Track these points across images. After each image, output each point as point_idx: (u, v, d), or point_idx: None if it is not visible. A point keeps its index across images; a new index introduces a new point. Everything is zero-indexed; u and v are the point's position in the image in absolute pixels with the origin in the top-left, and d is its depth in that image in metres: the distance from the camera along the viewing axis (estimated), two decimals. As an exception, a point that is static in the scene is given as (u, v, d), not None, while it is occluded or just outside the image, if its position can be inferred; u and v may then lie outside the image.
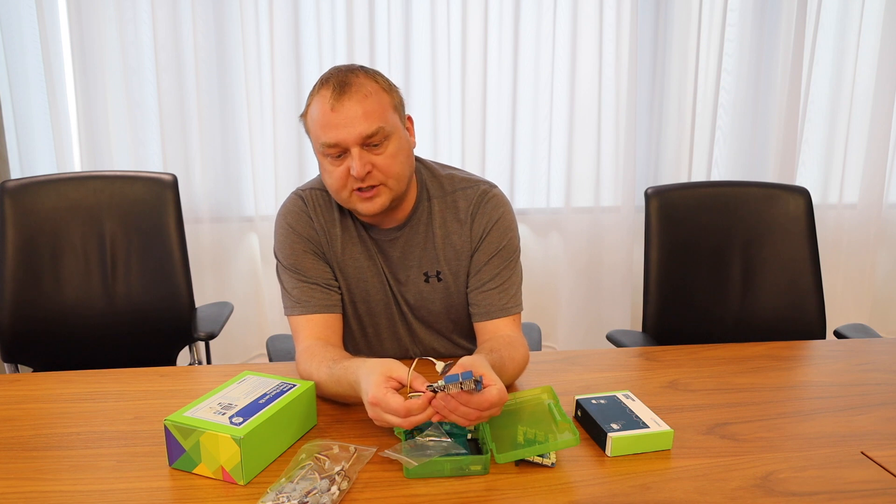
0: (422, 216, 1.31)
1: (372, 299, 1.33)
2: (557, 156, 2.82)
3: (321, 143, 1.18)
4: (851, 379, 1.33)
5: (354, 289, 1.32)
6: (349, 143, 1.16)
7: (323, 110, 1.17)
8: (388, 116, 1.18)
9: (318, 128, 1.18)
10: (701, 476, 0.97)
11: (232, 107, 2.62)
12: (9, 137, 2.47)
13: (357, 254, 1.31)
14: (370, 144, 1.17)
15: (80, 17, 2.44)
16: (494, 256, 1.30)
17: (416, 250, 1.31)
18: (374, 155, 1.18)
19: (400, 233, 1.31)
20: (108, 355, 1.77)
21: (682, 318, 1.78)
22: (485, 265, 1.30)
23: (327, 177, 1.22)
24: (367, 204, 1.20)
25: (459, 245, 1.31)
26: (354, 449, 1.01)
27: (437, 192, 1.33)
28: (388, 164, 1.19)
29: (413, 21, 2.63)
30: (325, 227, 1.30)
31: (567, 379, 1.30)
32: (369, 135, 1.16)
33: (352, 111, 1.15)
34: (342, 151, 1.18)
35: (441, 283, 1.32)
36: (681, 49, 2.79)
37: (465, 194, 1.32)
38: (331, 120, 1.16)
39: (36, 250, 1.73)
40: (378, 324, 1.36)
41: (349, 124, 1.15)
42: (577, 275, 2.91)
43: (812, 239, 1.81)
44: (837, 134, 2.96)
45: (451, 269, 1.32)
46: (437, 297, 1.33)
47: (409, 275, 1.32)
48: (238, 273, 2.76)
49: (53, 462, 1.00)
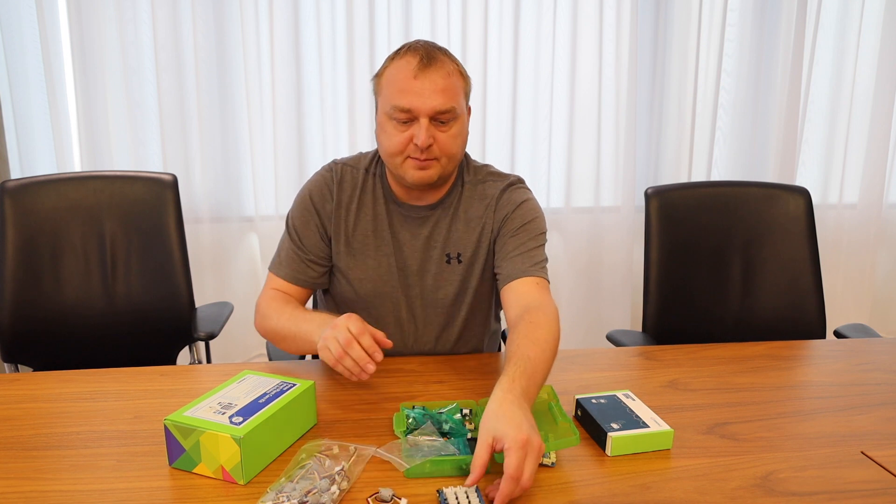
0: (452, 200, 1.37)
1: (380, 279, 1.36)
2: (557, 156, 2.82)
3: (394, 105, 1.22)
4: (851, 379, 1.33)
5: (363, 267, 1.36)
6: (422, 112, 1.21)
7: (405, 75, 1.21)
8: (459, 99, 1.25)
9: (396, 91, 1.22)
10: (701, 476, 0.97)
11: (232, 107, 2.62)
12: (9, 137, 2.47)
13: (373, 235, 1.36)
14: (438, 120, 1.23)
15: (80, 17, 2.44)
16: (520, 230, 1.33)
17: (443, 231, 1.36)
18: (439, 131, 1.24)
19: (432, 212, 1.36)
20: (108, 355, 1.77)
21: (682, 318, 1.78)
22: (510, 237, 1.33)
23: (386, 139, 1.26)
24: (420, 172, 1.25)
25: (482, 228, 1.36)
26: (354, 449, 1.01)
27: (469, 178, 1.40)
28: (449, 143, 1.25)
29: (413, 21, 2.63)
30: (345, 204, 1.36)
31: (567, 378, 1.30)
32: (443, 111, 1.22)
33: (433, 84, 1.20)
34: (411, 118, 1.22)
35: (461, 266, 1.36)
36: (681, 49, 2.79)
37: (494, 184, 1.39)
38: (412, 86, 1.20)
39: (36, 250, 1.73)
40: (380, 305, 1.38)
41: (427, 95, 1.20)
42: (577, 275, 2.91)
43: (812, 239, 1.81)
44: (837, 134, 2.96)
45: (471, 253, 1.36)
46: (456, 279, 1.37)
47: (431, 255, 1.36)
48: (238, 273, 2.76)
49: (53, 462, 1.00)
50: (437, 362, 1.37)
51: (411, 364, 1.36)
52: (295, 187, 2.67)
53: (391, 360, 1.38)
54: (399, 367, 1.35)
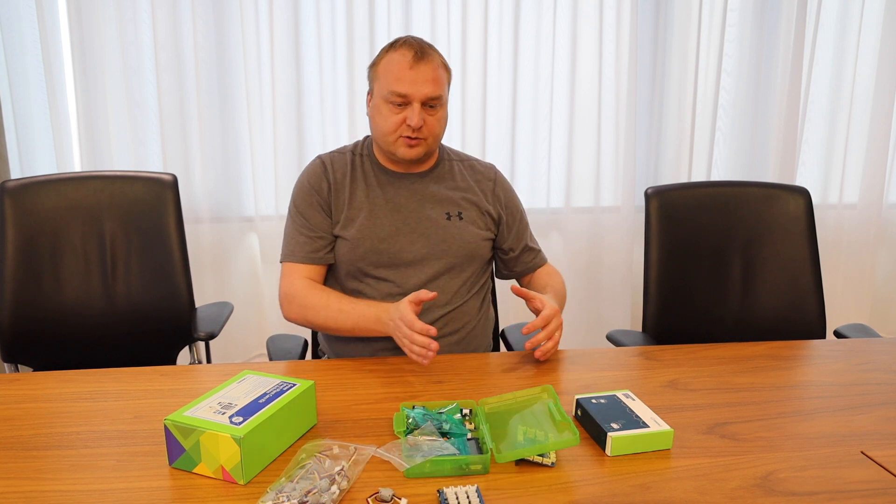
0: (445, 168, 1.59)
1: (377, 237, 1.49)
2: (557, 156, 2.82)
3: (391, 90, 1.42)
4: (851, 379, 1.33)
5: (358, 228, 1.49)
6: (415, 98, 1.42)
7: (402, 65, 1.42)
8: (445, 89, 1.48)
9: (393, 78, 1.42)
10: (701, 476, 0.97)
11: (232, 107, 2.62)
12: (9, 137, 2.47)
13: (368, 200, 1.51)
14: (428, 105, 1.44)
15: (80, 17, 2.44)
16: (518, 222, 1.63)
17: (439, 193, 1.55)
18: (428, 115, 1.45)
19: (424, 178, 1.56)
20: (108, 355, 1.77)
21: (682, 317, 1.79)
22: (513, 235, 1.62)
23: (382, 120, 1.46)
24: (410, 150, 1.47)
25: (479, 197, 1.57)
26: (354, 449, 1.01)
27: (455, 157, 1.63)
28: (435, 125, 1.47)
29: (413, 21, 2.63)
30: (339, 181, 1.52)
31: (567, 378, 1.30)
32: (433, 97, 1.43)
33: (426, 75, 1.42)
34: (405, 102, 1.42)
35: (462, 222, 1.54)
36: (681, 49, 2.79)
37: (480, 163, 1.64)
38: (408, 75, 1.41)
39: (36, 250, 1.73)
40: (380, 261, 1.49)
41: (421, 83, 1.41)
42: (578, 275, 2.91)
43: (812, 239, 1.81)
44: (837, 134, 2.96)
45: (471, 213, 1.55)
46: (455, 233, 1.52)
47: (430, 214, 1.52)
48: (238, 273, 2.76)
49: (53, 462, 1.00)
50: (437, 362, 1.37)
51: (411, 364, 1.36)
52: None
53: (391, 360, 1.38)
54: (399, 367, 1.35)
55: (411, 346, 1.26)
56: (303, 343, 1.64)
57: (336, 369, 1.34)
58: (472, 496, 0.89)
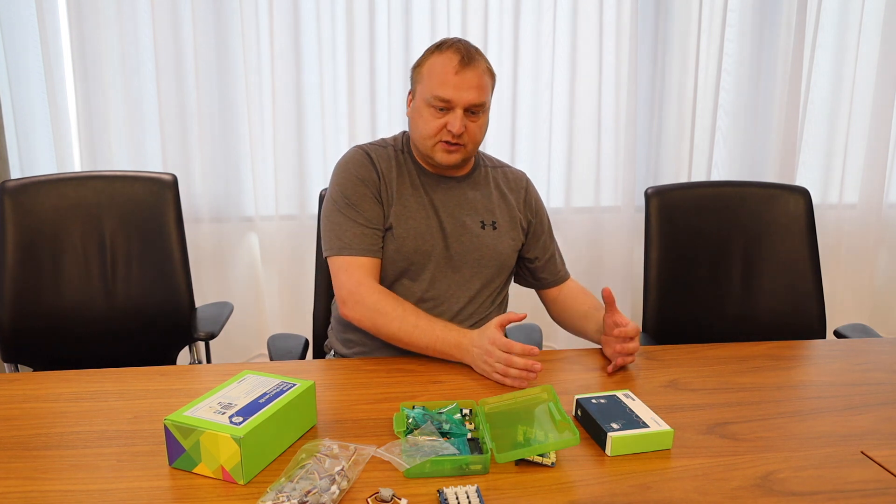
0: (481, 175, 1.56)
1: (421, 237, 1.46)
2: (557, 156, 2.82)
3: (435, 94, 1.39)
4: (851, 379, 1.33)
5: (405, 226, 1.46)
6: (459, 104, 1.39)
7: (447, 69, 1.39)
8: (489, 95, 1.45)
9: (437, 82, 1.39)
10: (701, 476, 0.97)
11: (232, 107, 2.62)
12: (9, 137, 2.47)
13: (413, 198, 1.48)
14: (470, 111, 1.41)
15: (80, 17, 2.44)
16: (546, 232, 1.62)
17: (476, 201, 1.52)
18: (470, 121, 1.42)
19: (462, 182, 1.53)
20: (108, 355, 1.77)
21: (683, 317, 1.79)
22: (540, 244, 1.60)
23: (423, 123, 1.42)
24: (449, 156, 1.43)
25: (512, 205, 1.56)
26: (354, 449, 1.01)
27: (489, 163, 1.61)
28: (476, 132, 1.44)
29: (413, 21, 2.63)
30: (386, 174, 1.48)
31: (567, 378, 1.30)
32: (477, 104, 1.40)
33: (471, 81, 1.39)
34: (447, 107, 1.39)
35: (495, 232, 1.51)
36: (681, 49, 2.79)
37: (512, 171, 1.62)
38: (452, 80, 1.38)
39: (36, 250, 1.73)
40: (421, 262, 1.47)
41: (466, 89, 1.38)
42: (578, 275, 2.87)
43: (812, 239, 1.81)
44: (837, 134, 2.96)
45: (504, 222, 1.53)
46: (489, 243, 1.50)
47: (465, 221, 1.50)
48: (238, 273, 2.76)
49: (53, 462, 1.00)
50: (437, 362, 1.37)
51: (411, 364, 1.36)
52: (295, 187, 2.68)
53: (391, 360, 1.38)
54: (399, 367, 1.35)
55: (507, 370, 1.22)
56: (303, 343, 1.64)
57: (336, 369, 1.34)
58: (472, 496, 0.89)
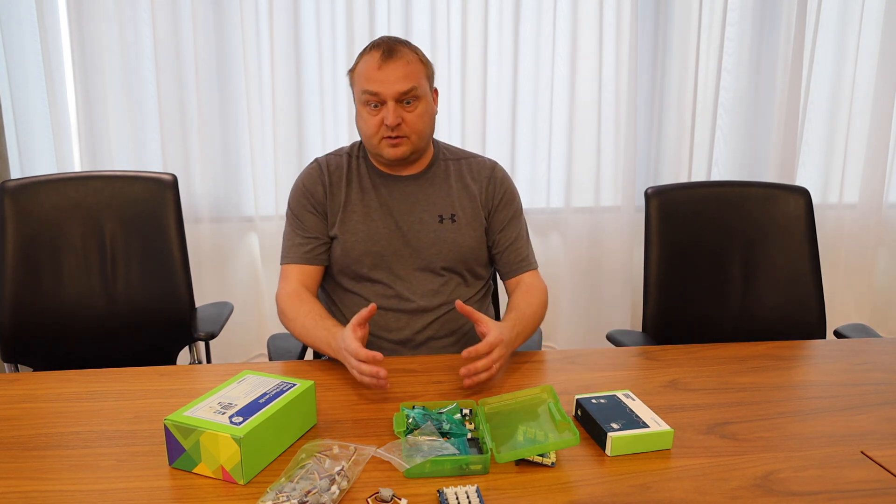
0: (439, 170, 1.56)
1: (371, 240, 1.49)
2: (557, 156, 2.82)
3: (364, 90, 1.41)
4: (851, 379, 1.33)
5: (351, 231, 1.49)
6: (387, 96, 1.40)
7: (370, 66, 1.41)
8: (421, 82, 1.43)
9: (364, 79, 1.42)
10: (701, 476, 0.97)
11: (232, 107, 2.62)
12: (9, 137, 2.47)
13: (362, 203, 1.51)
14: (403, 101, 1.41)
15: (80, 17, 2.44)
16: (509, 220, 1.56)
17: (433, 196, 1.53)
18: (406, 111, 1.42)
19: (418, 180, 1.53)
20: (108, 355, 1.77)
21: (683, 317, 1.78)
22: (500, 230, 1.56)
23: (363, 123, 1.45)
24: (393, 149, 1.44)
25: (475, 196, 1.54)
26: (354, 449, 1.01)
27: (451, 156, 1.59)
28: (415, 121, 1.43)
29: (413, 21, 2.63)
30: (335, 184, 1.52)
31: (567, 378, 1.30)
32: (404, 91, 1.40)
33: (396, 71, 1.39)
34: (380, 102, 1.41)
35: (454, 224, 1.52)
36: (681, 49, 2.79)
37: (477, 161, 1.60)
38: (376, 75, 1.40)
39: (36, 250, 1.73)
40: (374, 263, 1.49)
41: (391, 81, 1.39)
42: (578, 275, 2.91)
43: (812, 239, 1.81)
44: (837, 134, 2.96)
45: (465, 214, 1.53)
46: (447, 236, 1.51)
47: (422, 217, 1.51)
48: (238, 273, 2.77)
49: (53, 462, 1.00)
50: (438, 362, 1.37)
51: (411, 364, 1.36)
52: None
53: (391, 360, 1.38)
54: (399, 367, 1.35)
55: (360, 377, 1.20)
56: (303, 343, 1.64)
57: (336, 369, 1.34)
58: (472, 496, 0.89)
